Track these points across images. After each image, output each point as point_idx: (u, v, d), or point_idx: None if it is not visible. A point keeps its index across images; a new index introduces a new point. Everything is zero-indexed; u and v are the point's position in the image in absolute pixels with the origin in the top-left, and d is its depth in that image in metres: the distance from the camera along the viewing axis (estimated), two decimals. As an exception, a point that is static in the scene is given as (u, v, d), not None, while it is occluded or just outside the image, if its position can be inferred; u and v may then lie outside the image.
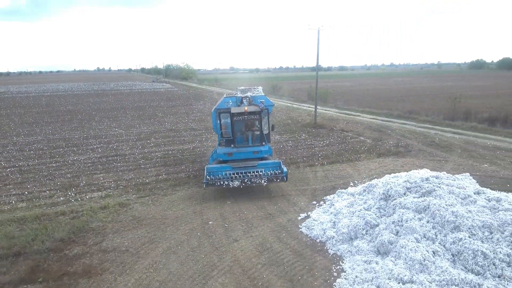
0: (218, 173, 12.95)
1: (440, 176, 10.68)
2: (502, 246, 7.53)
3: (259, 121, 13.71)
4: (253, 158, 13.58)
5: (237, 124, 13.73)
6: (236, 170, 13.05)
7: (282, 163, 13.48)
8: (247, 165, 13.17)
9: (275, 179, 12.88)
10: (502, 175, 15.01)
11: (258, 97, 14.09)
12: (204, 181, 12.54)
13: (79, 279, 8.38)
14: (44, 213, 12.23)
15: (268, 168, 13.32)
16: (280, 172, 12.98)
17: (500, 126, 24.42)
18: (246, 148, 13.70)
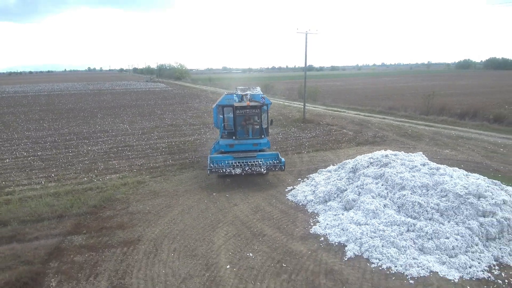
0: (220, 162, 14.03)
1: (398, 153, 13.39)
2: (434, 199, 10.24)
3: (259, 115, 14.64)
4: (252, 149, 14.64)
5: (239, 118, 14.65)
6: (237, 159, 14.11)
7: (280, 154, 14.59)
8: (247, 156, 14.30)
9: (274, 167, 14.03)
10: (459, 158, 17.86)
11: (257, 95, 15.20)
12: (208, 168, 13.66)
13: (115, 231, 10.86)
14: (73, 189, 14.62)
15: (267, 159, 14.40)
16: (278, 162, 14.14)
17: (469, 119, 27.40)
18: (247, 140, 14.67)
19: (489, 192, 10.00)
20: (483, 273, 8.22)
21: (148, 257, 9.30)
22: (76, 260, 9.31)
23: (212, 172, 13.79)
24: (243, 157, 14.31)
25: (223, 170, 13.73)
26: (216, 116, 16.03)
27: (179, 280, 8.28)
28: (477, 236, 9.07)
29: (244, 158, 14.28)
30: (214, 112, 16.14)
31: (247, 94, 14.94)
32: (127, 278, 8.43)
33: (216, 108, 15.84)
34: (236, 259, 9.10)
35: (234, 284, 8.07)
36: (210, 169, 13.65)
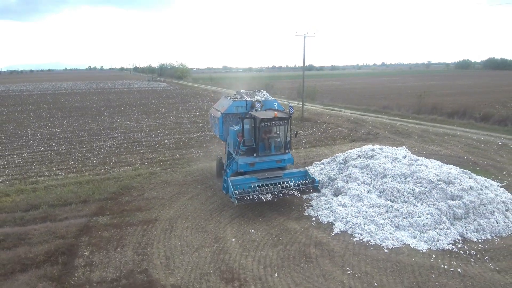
0: (244, 186, 11.87)
1: (383, 147, 15.00)
2: (410, 185, 11.85)
3: (286, 127, 12.63)
4: (275, 167, 12.80)
5: (262, 132, 12.44)
6: (262, 181, 12.12)
7: (309, 171, 12.89)
8: (273, 176, 12.34)
9: (307, 189, 12.25)
10: (443, 153, 19.48)
11: (269, 101, 13.93)
12: (233, 196, 11.33)
13: (135, 212, 12.49)
14: (92, 179, 16.23)
15: (296, 178, 12.52)
16: (311, 182, 12.35)
17: (458, 118, 29.00)
18: (269, 157, 12.63)
19: (458, 179, 11.61)
20: (448, 245, 9.82)
21: (165, 233, 10.93)
22: (104, 235, 10.93)
23: (240, 201, 11.33)
24: (268, 177, 12.29)
25: (250, 197, 11.49)
26: (223, 126, 13.97)
27: (192, 250, 9.90)
28: (445, 215, 10.69)
29: (270, 179, 12.27)
30: (220, 122, 13.94)
31: (258, 100, 13.69)
32: (149, 248, 10.06)
33: (223, 118, 13.89)
34: (240, 234, 10.73)
35: (239, 252, 9.69)
36: (237, 197, 11.31)
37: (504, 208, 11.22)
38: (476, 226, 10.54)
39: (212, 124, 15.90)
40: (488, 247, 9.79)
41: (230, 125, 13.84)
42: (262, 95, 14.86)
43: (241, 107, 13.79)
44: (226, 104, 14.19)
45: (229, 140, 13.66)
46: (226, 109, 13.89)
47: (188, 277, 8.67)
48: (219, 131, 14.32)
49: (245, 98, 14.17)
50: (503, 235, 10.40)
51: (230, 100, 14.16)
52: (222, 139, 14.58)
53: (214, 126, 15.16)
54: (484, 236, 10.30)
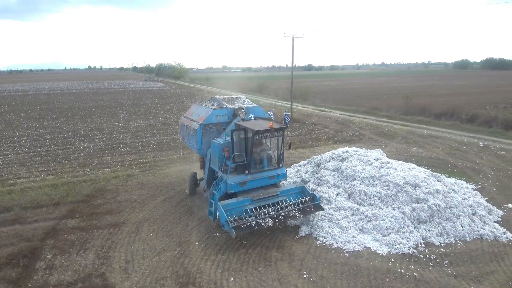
0: (238, 210, 10.27)
1: (358, 150, 14.98)
2: (377, 188, 11.85)
3: (282, 139, 11.15)
4: (268, 184, 11.34)
5: (255, 145, 10.84)
6: (258, 203, 10.63)
7: (306, 187, 11.75)
8: (268, 195, 10.87)
9: (308, 208, 10.75)
10: (423, 155, 19.46)
11: (252, 109, 12.55)
12: (229, 226, 9.63)
13: (105, 215, 12.49)
14: (69, 181, 16.25)
15: (294, 196, 11.18)
16: (311, 199, 10.95)
17: (445, 119, 28.96)
18: (262, 173, 11.10)
19: (425, 182, 11.61)
20: (408, 249, 9.81)
21: (130, 236, 10.94)
22: (69, 238, 10.95)
23: (238, 230, 9.65)
24: (264, 197, 10.81)
25: (248, 224, 9.87)
26: (202, 139, 12.13)
27: (154, 254, 9.91)
28: (409, 219, 10.68)
29: (265, 199, 10.79)
30: (198, 134, 12.05)
31: (241, 108, 12.31)
32: (111, 252, 10.07)
33: (202, 129, 12.03)
34: (205, 238, 10.74)
35: (199, 256, 9.70)
36: (233, 227, 9.62)
37: (471, 212, 11.22)
38: (441, 229, 10.53)
39: (185, 136, 13.70)
40: (449, 252, 9.79)
41: (211, 138, 11.97)
42: (242, 101, 13.36)
43: (222, 115, 12.17)
44: (204, 113, 12.31)
45: (212, 155, 11.71)
46: (205, 118, 11.99)
47: (144, 281, 8.68)
48: (198, 145, 12.25)
49: (225, 105, 12.62)
50: (467, 239, 10.38)
51: (208, 109, 12.36)
52: (201, 153, 12.60)
53: (189, 138, 13.09)
54: (447, 240, 10.29)
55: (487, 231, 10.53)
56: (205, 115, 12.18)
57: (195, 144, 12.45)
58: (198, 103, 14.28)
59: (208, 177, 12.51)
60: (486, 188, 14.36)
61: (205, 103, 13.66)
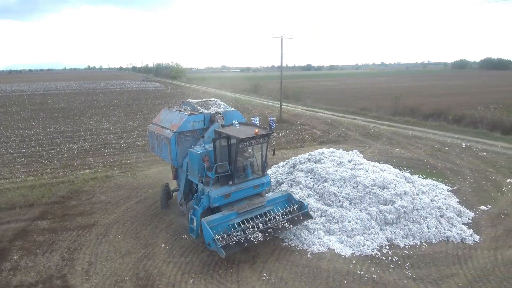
0: (223, 226, 9.46)
1: (335, 151, 15.00)
2: (347, 189, 11.87)
3: (267, 146, 10.62)
4: (253, 194, 10.71)
5: (240, 154, 10.13)
6: (244, 216, 9.90)
7: (292, 194, 11.19)
8: (254, 207, 10.18)
9: (297, 218, 10.25)
10: (405, 156, 19.48)
11: (230, 113, 11.78)
12: (217, 245, 8.75)
13: (76, 217, 12.51)
14: (48, 182, 16.27)
15: (281, 204, 10.65)
16: (299, 207, 10.52)
17: (432, 120, 28.97)
18: (246, 183, 10.42)
19: (393, 184, 11.63)
20: (372, 251, 9.84)
21: (98, 238, 10.96)
22: (38, 240, 10.97)
23: (227, 249, 8.80)
24: (250, 210, 10.09)
25: (236, 240, 9.10)
26: (177, 148, 11.10)
27: (118, 256, 9.93)
28: (375, 220, 10.70)
29: (252, 211, 10.10)
30: (172, 143, 11.01)
31: (218, 113, 11.54)
32: (76, 254, 10.09)
33: (176, 138, 11.00)
34: (172, 240, 10.76)
35: (163, 259, 9.72)
36: (222, 245, 8.78)
37: (439, 214, 11.23)
38: (406, 231, 10.55)
39: (156, 145, 12.43)
40: (413, 253, 9.80)
41: (187, 147, 11.10)
42: (217, 105, 12.50)
43: (198, 122, 11.24)
44: (178, 119, 11.27)
45: (190, 166, 10.78)
46: (179, 125, 10.96)
47: (103, 283, 8.70)
48: (172, 155, 11.15)
49: (200, 110, 11.66)
50: (433, 241, 10.40)
51: (182, 114, 11.32)
52: (176, 164, 11.42)
53: (161, 148, 11.90)
54: (413, 242, 10.31)
55: (453, 233, 10.55)
56: (179, 122, 11.11)
57: (169, 154, 11.27)
58: (169, 108, 13.03)
59: (185, 189, 11.65)
60: (462, 190, 14.38)
61: (177, 108, 12.63)
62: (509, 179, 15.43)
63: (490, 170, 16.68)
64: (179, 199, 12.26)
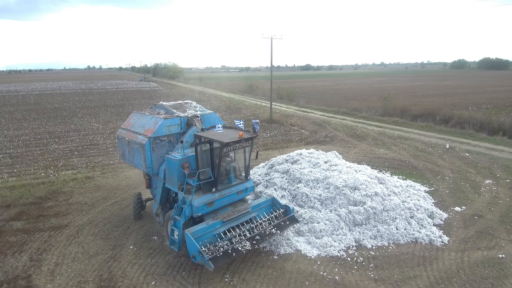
0: (208, 236, 9.06)
1: (313, 152, 15.03)
2: (319, 190, 11.89)
3: (250, 149, 10.33)
4: (236, 200, 10.34)
5: (224, 158, 9.86)
6: (230, 224, 9.57)
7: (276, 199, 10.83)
8: (240, 214, 9.87)
9: (283, 223, 10.05)
10: (387, 157, 19.50)
11: (208, 116, 11.33)
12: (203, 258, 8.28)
13: (50, 218, 12.54)
14: (29, 183, 16.29)
15: (267, 209, 10.44)
16: (285, 212, 10.33)
17: (420, 121, 28.98)
18: (229, 189, 10.04)
19: (364, 185, 11.65)
20: (338, 252, 9.86)
21: (68, 239, 10.99)
22: (10, 240, 11.00)
23: (215, 262, 8.37)
24: (236, 217, 9.78)
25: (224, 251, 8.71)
26: (152, 155, 10.44)
27: (86, 257, 9.96)
28: (344, 221, 10.73)
29: (237, 218, 9.80)
30: (147, 150, 10.31)
31: (196, 116, 11.05)
32: (44, 255, 10.12)
33: (151, 143, 10.33)
34: (141, 241, 10.78)
35: (129, 260, 9.75)
36: (209, 257, 8.36)
37: (409, 215, 11.25)
38: (375, 232, 10.57)
39: (127, 152, 11.55)
40: (379, 255, 9.83)
41: (163, 153, 10.57)
42: (193, 107, 11.96)
43: (174, 126, 10.66)
44: (152, 124, 10.63)
45: (168, 173, 10.16)
46: (154, 130, 10.31)
47: (66, 284, 8.73)
48: (147, 162, 10.40)
49: (176, 113, 11.12)
50: (401, 242, 10.42)
51: (156, 118, 10.68)
52: (151, 172, 10.71)
53: (134, 155, 11.08)
54: (381, 243, 10.34)
55: (422, 235, 10.57)
56: (154, 126, 10.43)
57: (143, 162, 10.54)
58: (139, 112, 12.21)
59: (161, 198, 11.05)
60: (439, 190, 14.41)
61: (149, 111, 11.95)
62: (488, 180, 15.46)
63: (471, 171, 16.71)
64: (155, 209, 11.55)
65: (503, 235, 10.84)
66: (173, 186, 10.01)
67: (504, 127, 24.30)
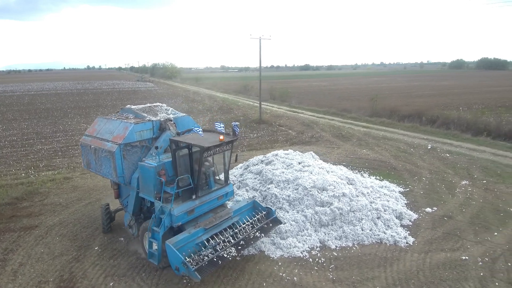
0: (191, 245, 8.68)
1: (289, 152, 15.06)
2: (288, 191, 11.93)
3: (230, 153, 9.97)
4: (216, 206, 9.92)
5: (204, 163, 9.32)
6: (212, 231, 9.23)
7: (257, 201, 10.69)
8: (221, 220, 9.52)
9: (267, 225, 10.01)
10: (369, 157, 19.53)
11: (182, 119, 10.79)
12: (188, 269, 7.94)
13: (22, 219, 12.59)
14: (7, 184, 16.34)
15: (249, 213, 10.27)
16: (266, 214, 10.28)
17: (407, 121, 29.00)
18: (210, 195, 9.65)
19: (333, 186, 11.69)
20: (301, 253, 9.89)
21: (36, 239, 11.04)
22: (-22, 241, 11.05)
23: (201, 272, 8.08)
24: (218, 223, 9.43)
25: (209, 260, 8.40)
26: (122, 163, 9.71)
27: (51, 257, 10.01)
28: (310, 222, 10.76)
29: (219, 225, 9.47)
30: (117, 158, 9.59)
31: (169, 119, 10.45)
32: (11, 255, 10.18)
33: (121, 151, 9.63)
34: (107, 243, 10.82)
35: (91, 261, 9.78)
36: (195, 268, 8.02)
37: (376, 216, 11.28)
38: (340, 233, 10.61)
39: (93, 161, 10.64)
40: (341, 255, 9.86)
41: (134, 160, 9.93)
42: (164, 110, 11.32)
43: (146, 131, 10.02)
44: (121, 129, 9.87)
45: (142, 182, 9.52)
46: (125, 136, 9.58)
47: (26, 284, 8.78)
48: (117, 171, 9.71)
49: (148, 117, 10.40)
50: (365, 243, 10.45)
51: (127, 123, 9.95)
52: (122, 181, 9.96)
53: (102, 163, 10.24)
54: (345, 244, 10.37)
55: (387, 236, 10.61)
56: (124, 132, 9.72)
57: (113, 171, 9.80)
58: (105, 116, 11.29)
59: (135, 208, 10.33)
60: (414, 191, 14.44)
61: (116, 116, 11.03)
62: (464, 181, 15.49)
63: (449, 172, 16.74)
64: (127, 221, 10.71)
65: (470, 237, 10.86)
66: (148, 195, 9.41)
67: (490, 128, 24.31)
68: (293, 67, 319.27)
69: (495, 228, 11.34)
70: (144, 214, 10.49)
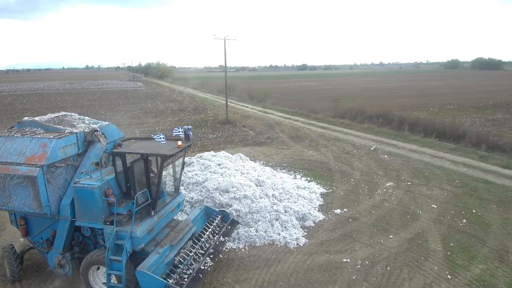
0: (162, 267, 7.98)
1: (217, 154, 15.35)
2: (193, 193, 12.14)
3: (183, 159, 9.43)
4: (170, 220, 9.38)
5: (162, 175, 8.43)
6: (178, 245, 8.71)
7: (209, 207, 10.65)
8: (184, 232, 8.99)
9: (226, 229, 10.02)
10: (311, 158, 19.69)
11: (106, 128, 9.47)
12: None
13: None
14: None
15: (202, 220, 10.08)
16: (223, 217, 10.32)
17: (367, 122, 29.07)
18: (165, 208, 9.00)
19: (236, 188, 11.88)
20: (188, 254, 10.05)
21: None
22: None
23: None
24: (181, 236, 8.87)
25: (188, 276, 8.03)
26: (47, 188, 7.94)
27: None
28: (204, 224, 10.92)
29: (183, 238, 8.93)
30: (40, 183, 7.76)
31: (95, 129, 8.97)
32: None
33: (44, 174, 7.88)
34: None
35: None
36: None
37: (274, 217, 11.44)
38: (234, 235, 10.77)
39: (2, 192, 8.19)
40: (226, 257, 10.02)
41: (60, 184, 8.30)
42: (76, 119, 9.86)
43: (70, 146, 8.44)
44: (40, 148, 8.03)
45: (80, 208, 8.05)
46: (46, 156, 7.87)
47: None
48: (43, 201, 7.87)
49: (67, 129, 8.77)
50: (257, 245, 10.60)
51: (45, 140, 8.09)
52: (48, 212, 8.05)
53: (12, 194, 8.10)
54: (236, 245, 10.54)
55: (280, 237, 10.77)
56: (43, 151, 7.95)
57: (33, 201, 7.92)
58: (3, 134, 8.68)
59: (66, 242, 8.52)
60: (335, 193, 14.60)
61: (19, 132, 8.63)
62: (390, 183, 15.63)
63: (379, 173, 16.88)
64: (53, 260, 8.59)
65: (364, 239, 11.00)
66: (94, 222, 8.01)
67: (444, 129, 24.43)
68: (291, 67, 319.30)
69: (393, 231, 11.47)
70: (78, 246, 8.73)
